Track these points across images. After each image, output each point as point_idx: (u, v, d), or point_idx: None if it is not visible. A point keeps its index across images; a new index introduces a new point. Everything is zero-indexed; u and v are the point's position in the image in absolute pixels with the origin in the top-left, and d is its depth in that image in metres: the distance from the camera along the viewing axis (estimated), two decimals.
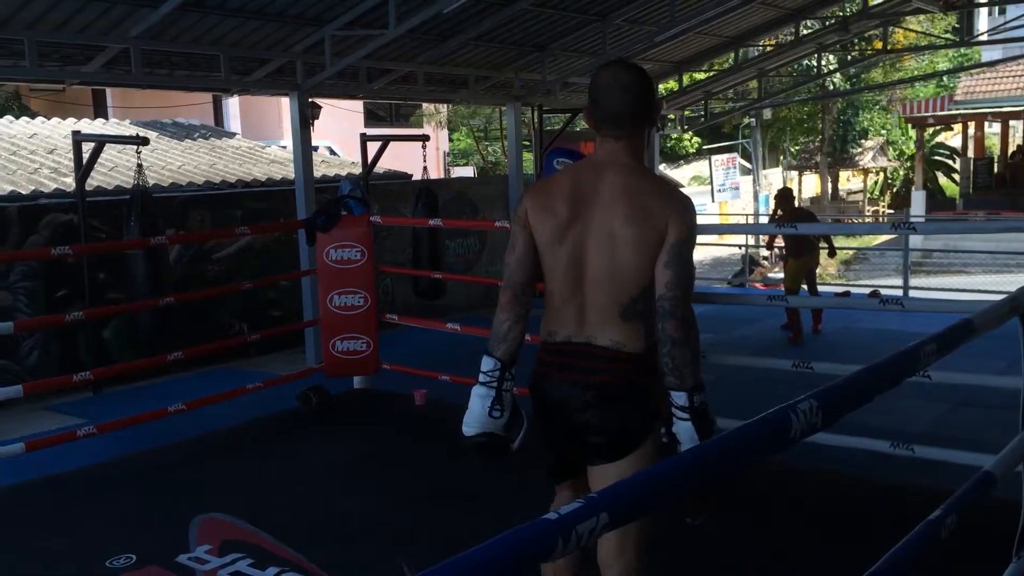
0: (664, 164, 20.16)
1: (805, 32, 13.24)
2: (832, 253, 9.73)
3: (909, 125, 25.63)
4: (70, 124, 10.71)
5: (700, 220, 2.57)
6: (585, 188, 2.35)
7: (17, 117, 11.75)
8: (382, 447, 5.00)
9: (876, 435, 4.06)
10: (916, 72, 25.69)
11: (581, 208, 2.34)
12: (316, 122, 8.96)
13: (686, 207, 2.33)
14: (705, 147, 27.60)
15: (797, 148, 31.08)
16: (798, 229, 5.35)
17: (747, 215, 20.12)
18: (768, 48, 14.82)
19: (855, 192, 31.69)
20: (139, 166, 6.84)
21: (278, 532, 3.74)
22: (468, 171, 22.09)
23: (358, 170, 10.58)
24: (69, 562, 3.54)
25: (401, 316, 6.50)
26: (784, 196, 9.06)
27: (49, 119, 11.42)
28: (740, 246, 16.67)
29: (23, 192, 7.91)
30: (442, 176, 19.17)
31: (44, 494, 4.35)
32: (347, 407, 5.73)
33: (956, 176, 25.30)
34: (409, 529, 3.81)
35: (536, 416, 2.51)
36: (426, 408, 5.69)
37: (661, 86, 13.73)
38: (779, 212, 8.91)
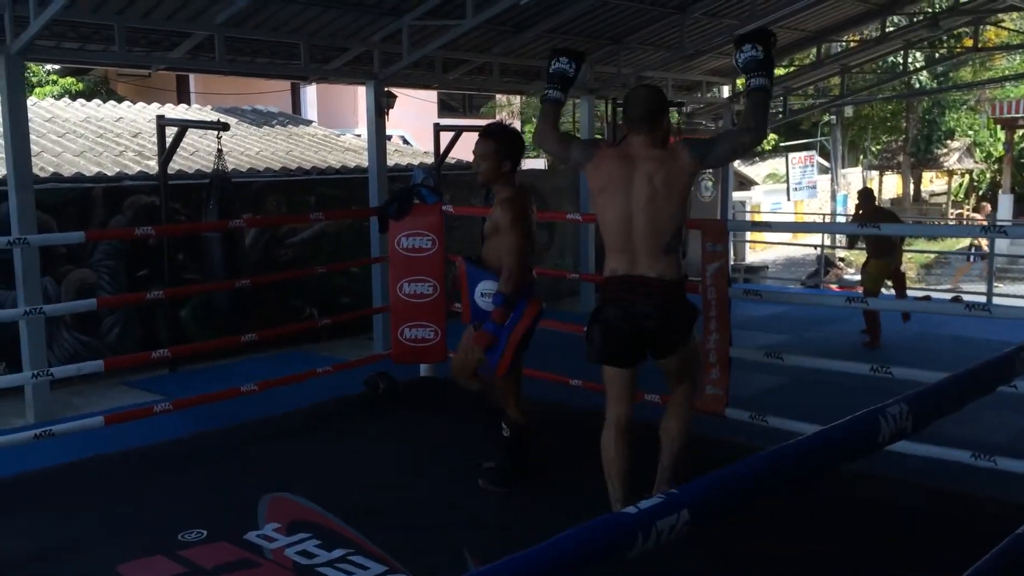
0: (738, 161, 19.78)
1: (892, 28, 12.82)
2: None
3: (998, 126, 24.64)
4: (154, 109, 11.03)
5: (775, 218, 3.17)
6: (626, 164, 3.38)
7: (104, 101, 12.15)
8: (448, 435, 5.02)
9: (956, 444, 3.92)
10: (1007, 72, 24.67)
11: (627, 175, 3.35)
12: (390, 111, 9.03)
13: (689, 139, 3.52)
14: (782, 144, 27.01)
15: (878, 147, 30.19)
16: (881, 229, 5.16)
17: (824, 215, 19.61)
18: (852, 44, 14.40)
19: (938, 194, 30.62)
20: (219, 151, 7.00)
21: (344, 514, 3.79)
22: (539, 163, 22.05)
23: (430, 160, 10.64)
24: (144, 534, 3.64)
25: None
26: (866, 195, 8.78)
27: (135, 103, 11.78)
28: (816, 246, 16.28)
29: (109, 174, 8.17)
30: None
31: (121, 467, 4.49)
32: (413, 394, 5.77)
33: None
34: (475, 518, 3.81)
35: (601, 329, 3.42)
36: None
37: (739, 81, 13.47)
38: (860, 211, 8.63)
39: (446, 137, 9.61)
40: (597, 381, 5.28)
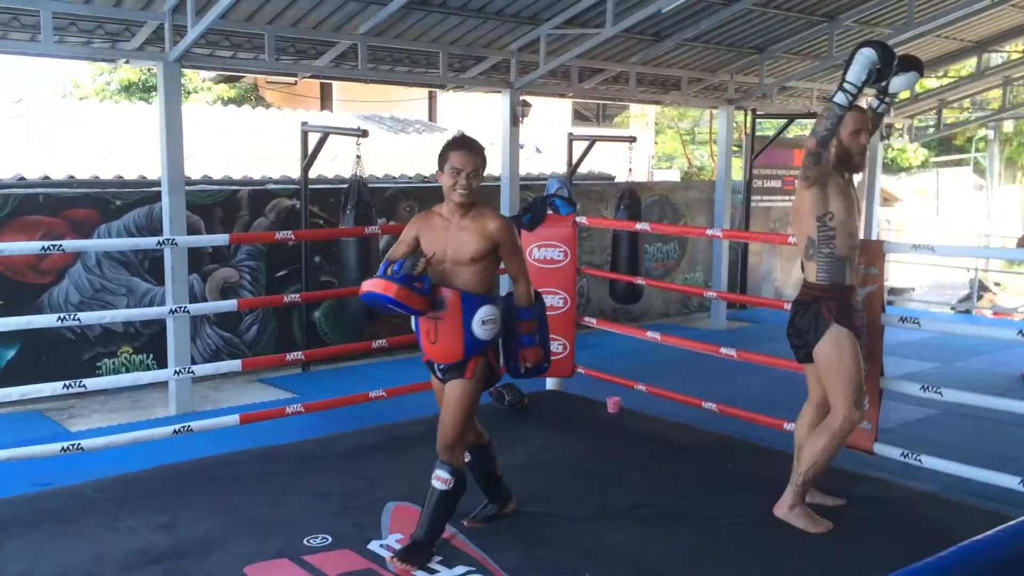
0: (884, 174, 18.79)
1: None
2: None
3: None
4: (299, 115, 11.43)
5: (927, 238, 3.50)
6: None
7: (254, 108, 12.69)
8: (574, 453, 4.90)
9: None
10: None
11: None
12: (524, 120, 9.01)
13: None
14: (933, 160, 25.54)
15: None
16: None
17: (979, 236, 18.35)
18: (1016, 54, 13.41)
19: None
20: (358, 157, 7.13)
21: (465, 530, 3.73)
22: (672, 174, 21.65)
23: (563, 169, 10.57)
24: (272, 536, 3.68)
25: (597, 319, 6.38)
26: None
27: (281, 110, 12.25)
28: (968, 269, 15.23)
29: (255, 177, 8.49)
30: (646, 179, 18.93)
31: (254, 466, 4.59)
32: (539, 408, 5.68)
33: None
34: (598, 542, 3.68)
35: None
36: (619, 416, 5.54)
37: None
38: None
39: (579, 147, 9.50)
40: (730, 404, 5.07)
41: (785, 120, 11.65)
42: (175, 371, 5.48)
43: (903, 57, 3.65)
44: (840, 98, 3.48)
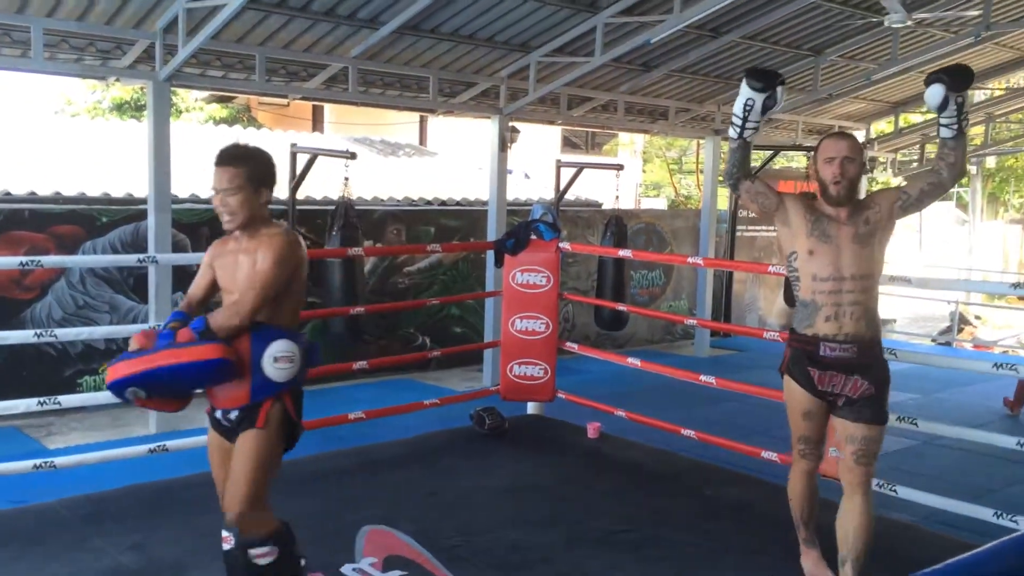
0: None
1: None
2: None
3: None
4: (290, 136, 11.47)
5: (909, 271, 3.04)
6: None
7: (245, 128, 12.74)
8: (553, 478, 4.90)
9: None
10: None
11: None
12: (513, 146, 9.08)
13: None
14: None
15: (1021, 201, 28.46)
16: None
17: (961, 269, 18.56)
18: (998, 92, 13.64)
19: None
20: (346, 179, 7.17)
21: (442, 553, 3.72)
22: (660, 203, 21.79)
23: (551, 195, 10.64)
24: None
25: (580, 345, 6.41)
26: None
27: (272, 131, 12.30)
28: (949, 302, 15.37)
29: None
30: (633, 207, 19.08)
31: None
32: (519, 432, 5.68)
33: None
34: (575, 568, 3.68)
35: None
36: (599, 442, 5.55)
37: (874, 127, 12.95)
38: None
39: (567, 174, 9.58)
40: (710, 432, 5.09)
41: (771, 151, 11.78)
42: None
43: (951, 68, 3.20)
44: (730, 131, 3.40)
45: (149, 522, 4.04)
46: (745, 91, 3.28)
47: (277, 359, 2.87)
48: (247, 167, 2.92)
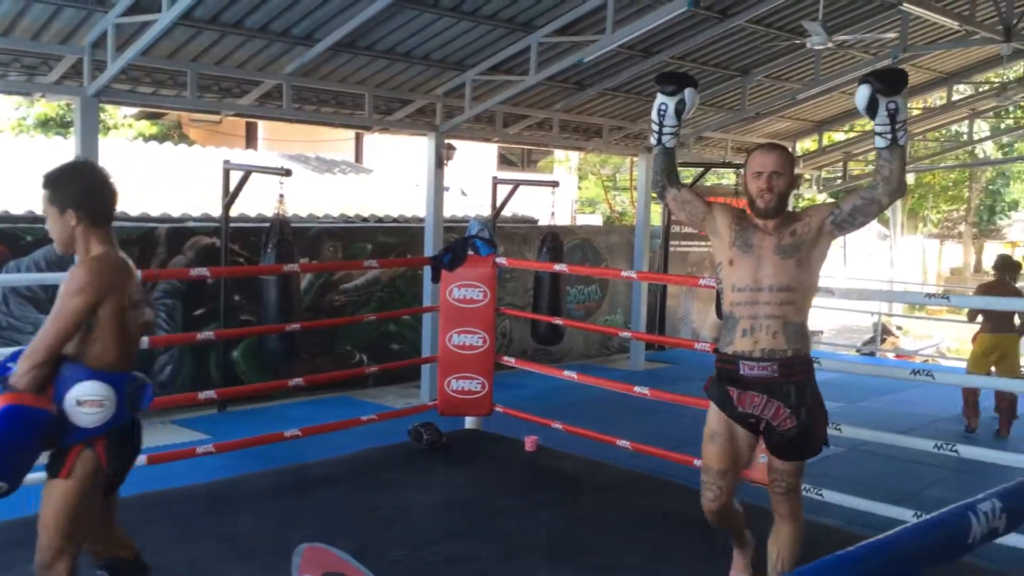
0: None
1: (957, 97, 12.65)
2: None
3: None
4: (222, 153, 11.33)
5: (833, 283, 2.89)
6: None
7: (176, 145, 12.53)
8: (490, 492, 4.93)
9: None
10: None
11: None
12: (449, 163, 9.15)
13: None
14: None
15: (939, 216, 29.64)
16: (950, 300, 4.98)
17: (882, 281, 19.25)
18: (916, 111, 14.21)
19: None
20: (280, 196, 7.13)
21: (380, 569, 3.71)
22: (595, 219, 22.06)
23: (487, 212, 10.71)
24: None
25: (517, 359, 6.47)
26: (1006, 264, 7.66)
27: (204, 148, 12.13)
28: (872, 313, 15.91)
29: (174, 215, 8.38)
30: (569, 223, 19.26)
31: (159, 508, 4.48)
32: (457, 447, 5.71)
33: None
34: None
35: None
36: (536, 455, 5.61)
37: (799, 145, 13.37)
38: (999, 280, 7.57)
39: (503, 190, 9.67)
40: (645, 443, 5.19)
41: (702, 169, 12.06)
42: None
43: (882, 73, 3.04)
44: (650, 139, 3.37)
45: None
46: (657, 97, 3.26)
47: (81, 403, 2.63)
48: (50, 189, 2.73)
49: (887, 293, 14.63)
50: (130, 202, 8.44)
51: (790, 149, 12.78)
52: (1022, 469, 3.85)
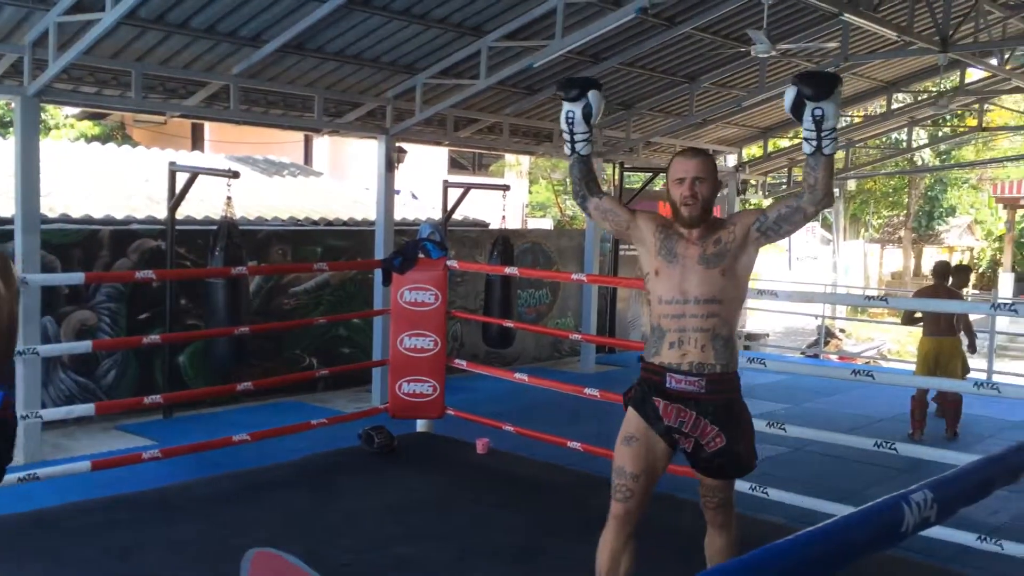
0: None
1: (897, 105, 13.01)
2: (972, 348, 8.12)
3: (999, 205, 24.84)
4: (168, 155, 11.13)
5: (777, 287, 2.80)
6: None
7: (120, 146, 12.28)
8: (441, 494, 4.94)
9: (956, 525, 3.84)
10: (1010, 152, 24.95)
11: None
12: (400, 166, 9.12)
13: None
14: None
15: (880, 221, 30.41)
16: (889, 303, 5.12)
17: (826, 285, 19.71)
18: (857, 119, 14.59)
19: None
20: (228, 198, 7.04)
21: (331, 573, 3.70)
22: (545, 223, 22.17)
23: (438, 215, 10.70)
24: None
25: (469, 362, 6.48)
26: (943, 270, 7.82)
27: (149, 149, 11.90)
28: (816, 316, 16.26)
29: (117, 217, 8.21)
30: (520, 227, 19.31)
31: (105, 514, 4.40)
32: (409, 450, 5.70)
33: None
34: None
35: None
36: (488, 458, 5.62)
37: (746, 151, 13.62)
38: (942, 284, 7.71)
39: (454, 194, 9.68)
40: (595, 444, 5.24)
41: (651, 173, 12.22)
42: (22, 415, 5.19)
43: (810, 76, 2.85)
44: (564, 148, 3.24)
45: (17, 555, 3.85)
46: (564, 105, 3.14)
47: None
48: None
49: (830, 296, 14.95)
50: (72, 204, 8.26)
51: (736, 155, 13.04)
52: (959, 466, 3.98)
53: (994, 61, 10.60)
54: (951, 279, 7.81)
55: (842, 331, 18.58)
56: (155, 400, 5.37)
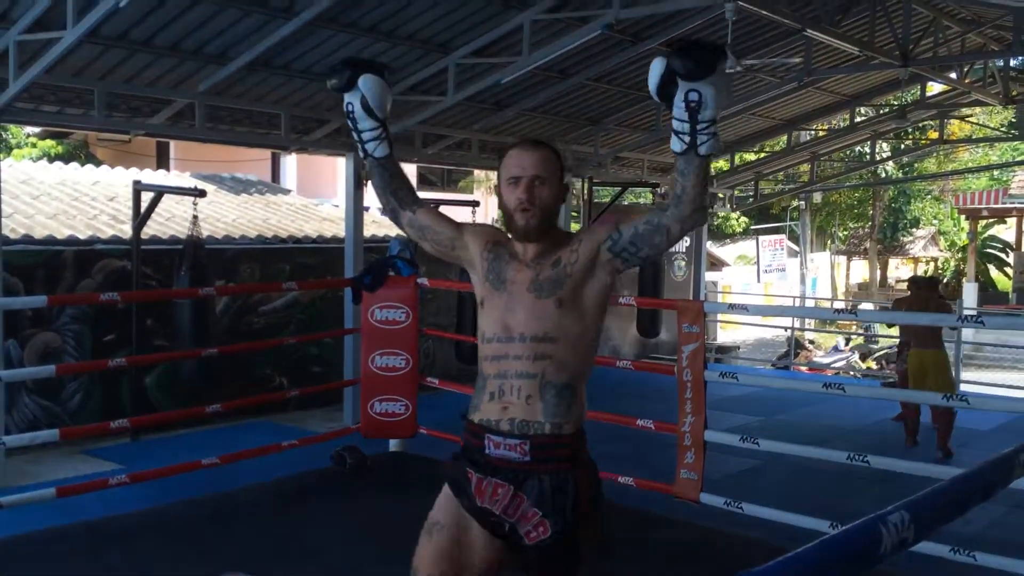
0: (710, 242, 20.09)
1: (860, 119, 13.21)
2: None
3: (962, 216, 25.29)
4: (132, 173, 10.98)
5: (747, 300, 2.69)
6: None
7: (83, 165, 12.10)
8: (415, 514, 4.85)
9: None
10: (971, 163, 25.44)
11: None
12: (368, 183, 9.07)
13: None
14: (753, 227, 27.45)
15: (846, 233, 30.80)
16: (858, 315, 5.16)
17: (793, 297, 19.91)
18: (822, 132, 14.79)
19: (904, 280, 31.15)
20: (194, 217, 6.95)
21: None
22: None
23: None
24: None
25: (441, 380, 6.43)
26: (917, 282, 8.00)
27: (113, 168, 11.74)
28: (786, 328, 16.40)
29: (81, 237, 8.07)
30: None
31: (72, 541, 4.30)
32: (381, 470, 5.63)
33: (1008, 270, 24.80)
34: None
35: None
36: None
37: (713, 164, 13.75)
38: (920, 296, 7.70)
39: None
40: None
41: (619, 188, 12.28)
42: None
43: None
44: (358, 151, 2.53)
45: None
46: (344, 98, 2.51)
47: None
48: None
49: (798, 309, 15.10)
50: (35, 225, 8.11)
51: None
52: (933, 478, 4.00)
53: (953, 75, 10.81)
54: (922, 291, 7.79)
55: (811, 343, 18.75)
56: (122, 425, 5.27)
